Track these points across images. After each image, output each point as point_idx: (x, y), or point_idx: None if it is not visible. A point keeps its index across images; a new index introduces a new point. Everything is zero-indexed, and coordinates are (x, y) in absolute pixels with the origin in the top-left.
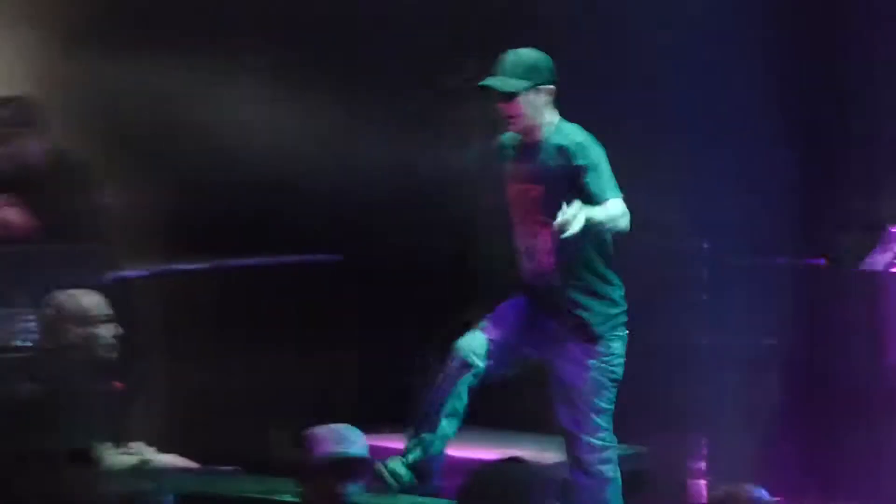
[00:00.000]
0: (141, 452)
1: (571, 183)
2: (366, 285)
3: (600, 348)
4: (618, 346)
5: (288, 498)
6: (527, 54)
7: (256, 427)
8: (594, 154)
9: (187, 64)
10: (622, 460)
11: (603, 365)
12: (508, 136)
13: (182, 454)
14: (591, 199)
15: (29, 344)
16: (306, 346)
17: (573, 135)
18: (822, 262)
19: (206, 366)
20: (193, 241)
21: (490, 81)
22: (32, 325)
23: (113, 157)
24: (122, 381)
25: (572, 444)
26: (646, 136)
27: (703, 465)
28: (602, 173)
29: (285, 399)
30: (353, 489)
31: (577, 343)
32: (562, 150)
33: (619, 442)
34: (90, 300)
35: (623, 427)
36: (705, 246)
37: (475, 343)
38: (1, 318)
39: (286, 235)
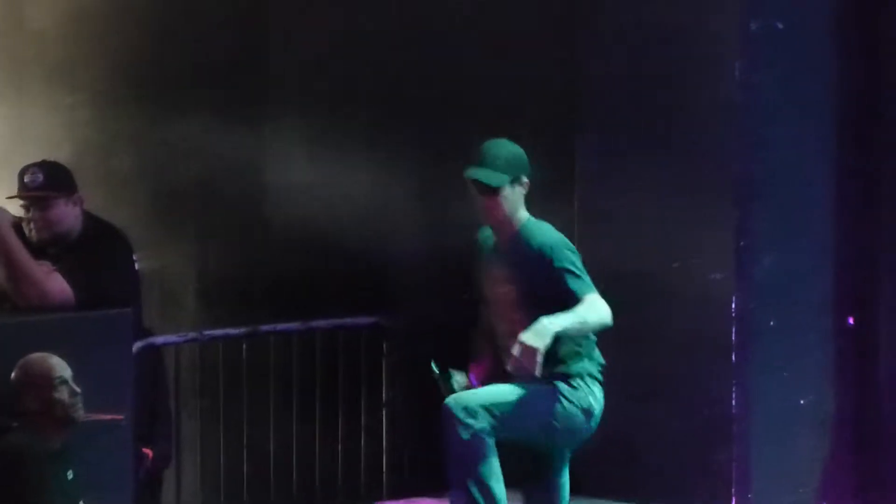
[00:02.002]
0: None
1: (549, 283)
2: (400, 348)
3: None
4: (582, 395)
5: None
6: (507, 146)
7: (288, 491)
8: (571, 255)
9: (220, 126)
10: None
11: (561, 390)
12: (486, 231)
13: None
14: (570, 298)
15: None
16: (340, 409)
17: (548, 234)
18: (851, 321)
19: (238, 431)
20: (226, 307)
21: (475, 173)
22: None
23: (146, 222)
24: (150, 447)
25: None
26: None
27: None
28: (579, 273)
29: (316, 463)
30: None
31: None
32: (540, 251)
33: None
34: (45, 365)
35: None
36: (734, 306)
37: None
38: None
39: (319, 299)
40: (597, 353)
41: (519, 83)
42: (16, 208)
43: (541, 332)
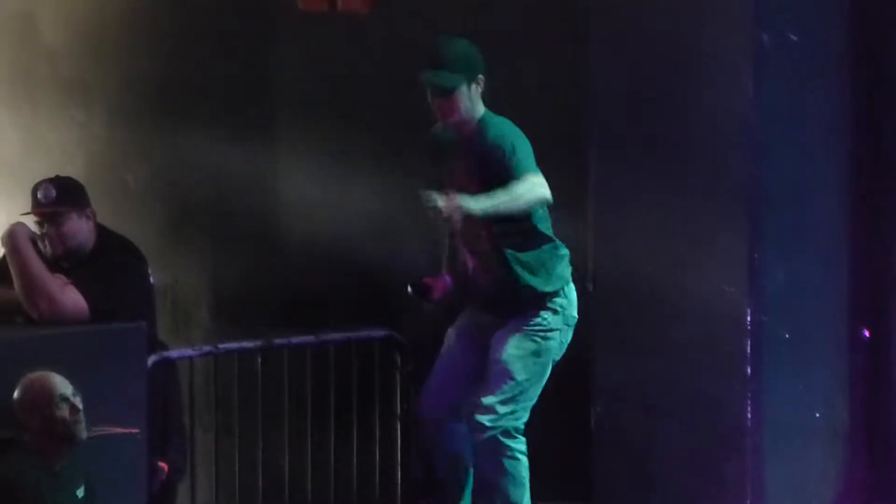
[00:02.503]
0: None
1: (504, 174)
2: (413, 360)
3: (531, 318)
4: (552, 321)
5: None
6: (461, 45)
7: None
8: (524, 146)
9: (233, 141)
10: None
11: (529, 331)
12: (440, 130)
13: None
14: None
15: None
16: (354, 421)
17: (503, 126)
18: (867, 333)
19: (253, 444)
20: (240, 320)
21: (430, 77)
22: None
23: (160, 236)
24: (165, 460)
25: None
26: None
27: None
28: (526, 157)
29: (331, 475)
30: None
31: (510, 317)
32: (494, 143)
33: None
34: (47, 383)
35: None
36: (748, 318)
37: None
38: None
39: (333, 312)
40: (560, 249)
41: (531, 97)
42: (30, 224)
43: (467, 201)
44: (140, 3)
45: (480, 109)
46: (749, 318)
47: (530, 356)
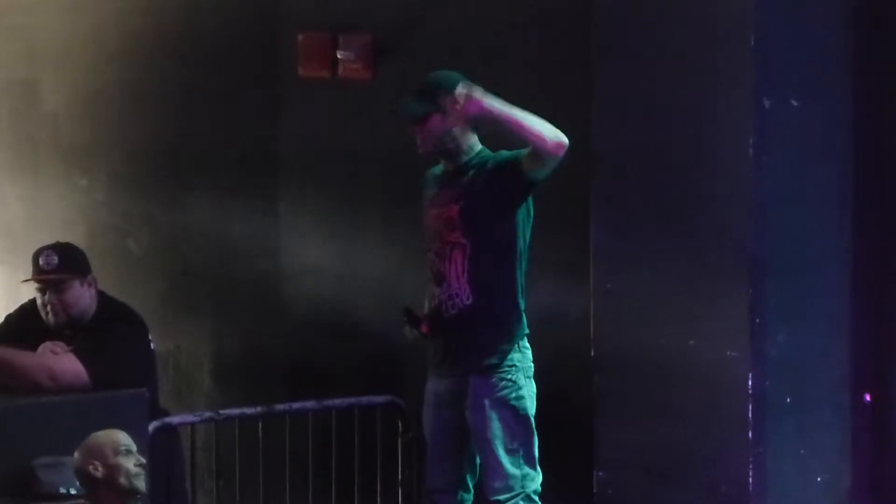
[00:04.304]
0: None
1: (492, 192)
2: (416, 426)
3: (495, 381)
4: (518, 375)
5: None
6: (440, 74)
7: None
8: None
9: (234, 207)
10: None
11: (503, 397)
12: (436, 170)
13: None
14: (510, 157)
15: (73, 492)
16: (356, 487)
17: (491, 153)
18: (868, 397)
19: None
20: (241, 386)
21: (398, 106)
22: None
23: (161, 302)
24: None
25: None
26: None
27: None
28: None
29: None
30: None
31: (475, 383)
32: (483, 161)
33: None
34: (112, 435)
35: None
36: (750, 383)
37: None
38: (48, 466)
39: (334, 378)
40: (521, 304)
41: None
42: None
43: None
44: (142, 69)
45: (474, 145)
46: (751, 383)
47: (513, 420)
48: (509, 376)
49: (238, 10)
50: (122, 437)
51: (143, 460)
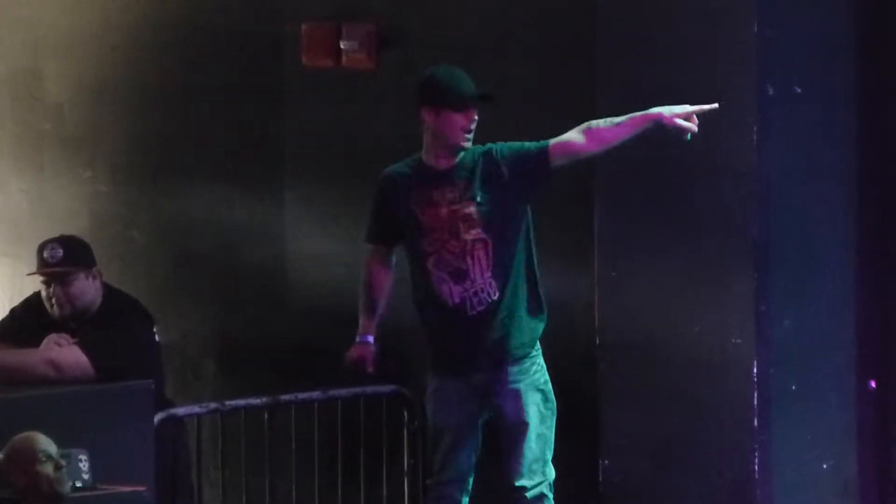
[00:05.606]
0: None
1: (513, 185)
2: (421, 415)
3: (528, 366)
4: (542, 360)
5: None
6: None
7: None
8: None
9: (239, 195)
10: None
11: (535, 380)
12: (399, 168)
13: None
14: (531, 150)
15: (80, 485)
16: (361, 478)
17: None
18: (873, 384)
19: (261, 501)
20: (247, 377)
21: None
22: (85, 465)
23: (165, 293)
24: None
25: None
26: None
27: None
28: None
29: None
30: None
31: (509, 370)
32: (486, 156)
33: None
34: (30, 442)
35: None
36: (755, 369)
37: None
38: None
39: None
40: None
41: None
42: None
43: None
44: (144, 59)
45: None
46: (756, 370)
47: (543, 404)
48: (539, 361)
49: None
50: (41, 444)
51: (64, 463)
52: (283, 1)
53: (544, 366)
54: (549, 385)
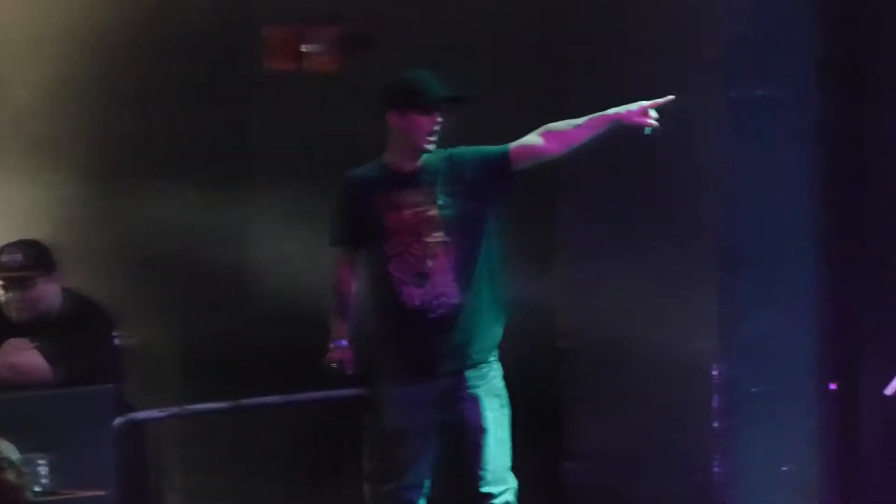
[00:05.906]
0: None
1: (476, 188)
2: None
3: (486, 371)
4: (499, 365)
5: None
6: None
7: None
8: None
9: (202, 200)
10: None
11: (493, 386)
12: (363, 171)
13: None
14: (492, 154)
15: (40, 490)
16: (323, 482)
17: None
18: (833, 387)
19: None
20: (209, 381)
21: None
22: (45, 470)
23: (127, 297)
24: None
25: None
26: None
27: None
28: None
29: None
30: None
31: (469, 376)
32: (449, 160)
33: None
34: None
35: None
36: (715, 373)
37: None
38: None
39: (302, 372)
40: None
41: None
42: None
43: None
44: (109, 62)
45: None
46: (717, 373)
47: (499, 409)
48: (496, 366)
49: (207, 2)
50: (2, 451)
51: (26, 469)
52: (249, 4)
53: (501, 370)
54: (506, 390)
